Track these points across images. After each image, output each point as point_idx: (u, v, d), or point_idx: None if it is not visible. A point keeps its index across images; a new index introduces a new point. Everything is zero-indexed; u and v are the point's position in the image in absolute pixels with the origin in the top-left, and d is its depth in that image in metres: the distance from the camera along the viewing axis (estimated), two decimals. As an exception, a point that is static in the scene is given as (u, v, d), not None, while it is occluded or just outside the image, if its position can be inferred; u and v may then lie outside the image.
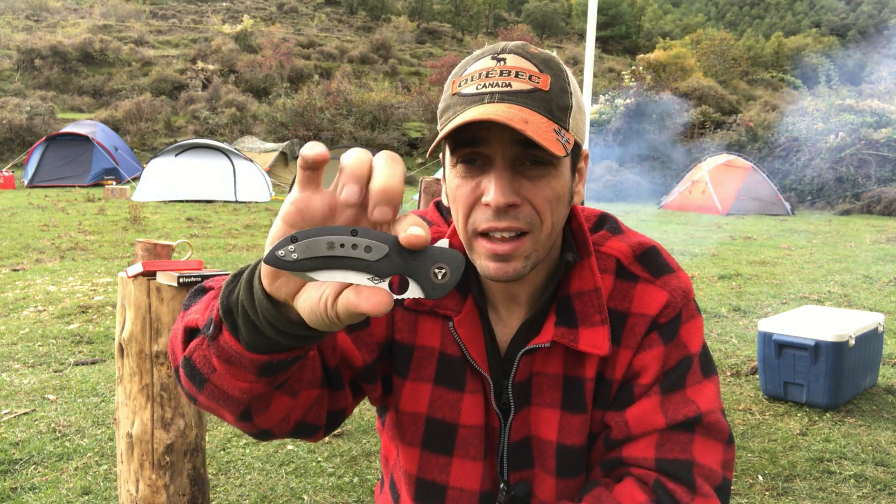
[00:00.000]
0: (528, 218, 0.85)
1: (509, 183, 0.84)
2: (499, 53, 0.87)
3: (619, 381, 0.96)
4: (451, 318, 0.95)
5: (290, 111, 21.81)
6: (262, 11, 41.47)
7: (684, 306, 0.97)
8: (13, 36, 29.36)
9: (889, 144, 15.86)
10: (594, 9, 5.05)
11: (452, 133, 0.82)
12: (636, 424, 0.92)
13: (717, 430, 0.93)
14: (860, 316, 3.76)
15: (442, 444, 1.00)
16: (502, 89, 0.83)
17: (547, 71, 0.86)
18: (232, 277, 0.70)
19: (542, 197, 0.85)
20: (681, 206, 14.86)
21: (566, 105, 0.86)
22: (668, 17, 59.94)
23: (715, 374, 0.98)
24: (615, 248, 0.98)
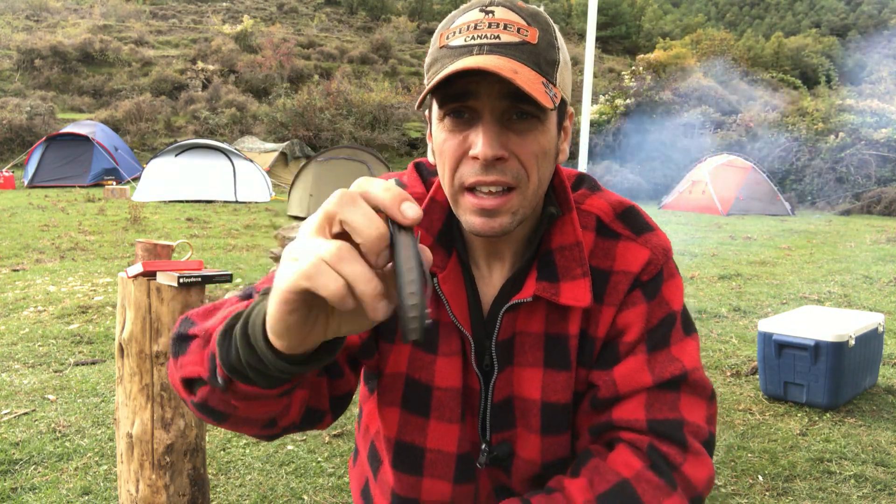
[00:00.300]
0: (515, 172, 0.85)
1: (497, 136, 0.83)
2: (487, 6, 0.86)
3: (603, 338, 0.96)
4: (435, 274, 0.95)
5: (290, 111, 21.80)
6: (262, 11, 41.46)
7: (665, 264, 0.97)
8: (13, 36, 29.35)
9: (889, 144, 15.86)
10: (594, 9, 5.05)
11: (441, 86, 0.82)
12: (624, 383, 0.92)
13: (702, 387, 0.94)
14: (860, 316, 3.76)
15: (418, 405, 0.99)
16: (491, 41, 0.83)
17: (535, 24, 0.85)
18: (222, 336, 0.70)
19: (529, 151, 0.85)
20: (681, 206, 14.86)
21: (554, 59, 0.86)
22: (668, 17, 59.93)
23: (695, 332, 0.99)
24: (595, 206, 0.99)
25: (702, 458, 0.91)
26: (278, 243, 6.17)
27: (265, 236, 9.14)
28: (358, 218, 0.55)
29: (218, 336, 0.71)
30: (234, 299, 0.88)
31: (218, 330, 0.73)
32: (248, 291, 0.92)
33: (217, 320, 0.80)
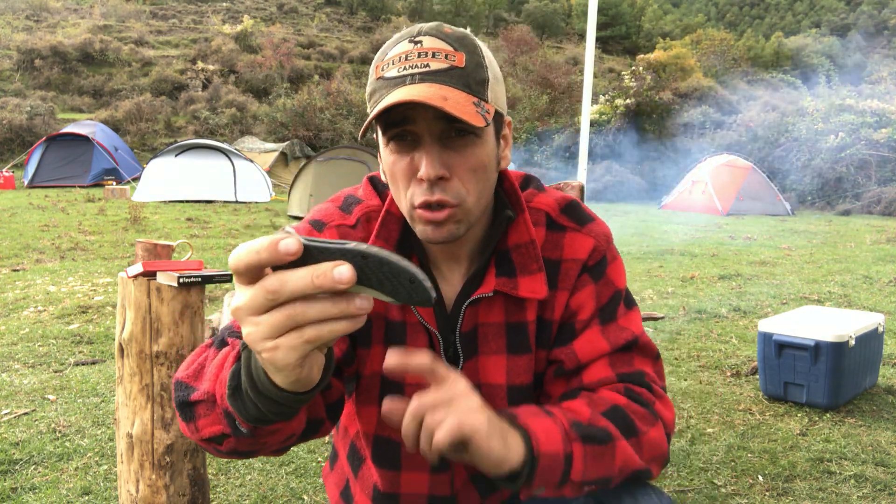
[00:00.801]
0: (455, 192, 0.93)
1: (438, 156, 0.92)
2: (415, 36, 0.93)
3: (559, 321, 1.06)
4: None
5: (290, 111, 21.81)
6: (262, 11, 41.47)
7: (607, 249, 1.09)
8: (13, 36, 29.36)
9: (889, 144, 15.85)
10: (594, 9, 5.05)
11: (382, 115, 0.90)
12: (583, 352, 1.03)
13: (649, 349, 1.07)
14: (860, 316, 3.76)
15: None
16: (421, 70, 0.90)
17: (461, 49, 0.92)
18: (233, 398, 0.76)
19: (468, 167, 0.93)
20: (681, 206, 14.86)
21: (483, 78, 0.93)
22: (668, 18, 59.93)
23: (636, 306, 1.11)
24: (543, 203, 1.09)
25: (666, 400, 1.03)
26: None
27: (265, 236, 9.13)
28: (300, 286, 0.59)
29: (229, 400, 0.77)
30: (213, 351, 0.92)
31: (221, 391, 0.80)
32: (221, 337, 0.95)
33: (210, 380, 0.85)
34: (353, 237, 1.04)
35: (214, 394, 0.83)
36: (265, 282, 0.59)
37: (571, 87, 22.84)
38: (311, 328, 0.60)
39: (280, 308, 0.60)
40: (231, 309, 0.62)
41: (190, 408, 0.88)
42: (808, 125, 17.29)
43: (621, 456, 0.94)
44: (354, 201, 1.10)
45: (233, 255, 0.60)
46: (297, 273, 0.58)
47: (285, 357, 0.62)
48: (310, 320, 0.60)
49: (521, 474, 0.84)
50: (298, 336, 0.60)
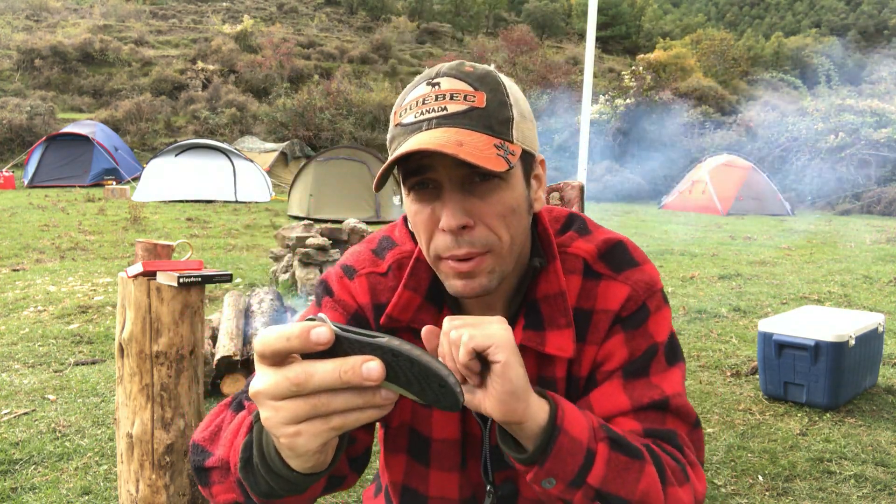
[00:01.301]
0: (483, 240, 0.87)
1: (460, 205, 0.85)
2: (433, 78, 0.88)
3: (586, 376, 0.98)
4: None
5: (290, 111, 21.80)
6: (262, 11, 41.46)
7: (649, 298, 0.97)
8: (13, 36, 29.35)
9: (889, 144, 15.85)
10: (594, 9, 5.06)
11: (400, 163, 0.85)
12: (600, 406, 0.93)
13: (685, 412, 0.95)
14: (860, 316, 3.76)
15: (420, 454, 1.03)
16: (438, 114, 0.85)
17: (482, 88, 0.87)
18: (244, 471, 0.74)
19: (495, 213, 0.87)
20: (681, 206, 14.86)
21: (507, 118, 0.87)
22: (668, 17, 59.93)
23: (681, 362, 0.99)
24: (582, 249, 1.00)
25: (699, 470, 0.92)
26: (278, 243, 6.17)
27: (265, 236, 9.14)
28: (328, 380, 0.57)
29: (241, 472, 0.75)
30: (230, 414, 0.90)
31: (234, 461, 0.78)
32: (238, 399, 0.93)
33: (225, 447, 0.84)
34: (383, 286, 0.99)
35: (228, 461, 0.81)
36: (290, 372, 0.57)
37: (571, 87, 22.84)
38: (336, 417, 0.58)
39: (304, 398, 0.58)
40: (251, 391, 0.60)
41: (205, 473, 0.86)
42: (808, 125, 17.28)
43: (647, 481, 0.84)
44: (388, 245, 1.04)
45: (260, 339, 0.57)
46: (325, 366, 0.57)
47: (306, 444, 0.60)
48: (334, 410, 0.58)
49: (538, 444, 0.78)
50: (323, 424, 0.59)
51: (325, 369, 0.57)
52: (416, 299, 0.97)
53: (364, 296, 1.00)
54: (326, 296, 1.02)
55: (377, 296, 1.00)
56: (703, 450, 0.97)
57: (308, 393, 0.57)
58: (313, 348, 0.56)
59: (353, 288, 1.01)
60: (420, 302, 0.97)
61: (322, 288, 1.04)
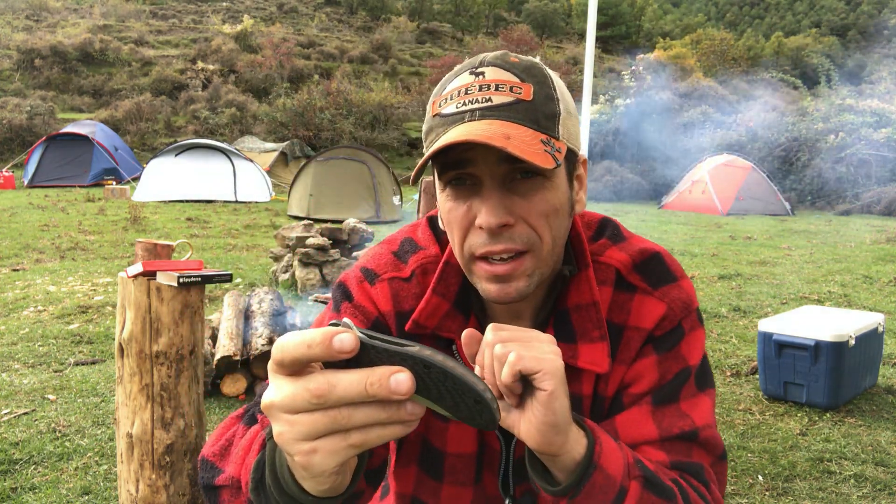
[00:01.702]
0: (524, 237, 0.82)
1: (500, 202, 0.81)
2: (477, 67, 0.83)
3: (612, 396, 0.92)
4: (453, 340, 0.94)
5: (290, 111, 21.80)
6: (262, 11, 41.47)
7: (684, 318, 0.93)
8: (13, 36, 29.37)
9: (889, 144, 15.84)
10: (594, 9, 5.05)
11: (437, 156, 0.80)
12: (626, 433, 0.88)
13: (713, 445, 0.91)
14: (860, 316, 3.76)
15: (433, 468, 0.99)
16: (482, 105, 0.80)
17: (529, 80, 0.82)
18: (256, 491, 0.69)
19: (537, 212, 0.82)
20: (681, 206, 14.86)
21: (553, 112, 0.82)
22: (668, 17, 59.93)
23: (711, 388, 0.94)
24: (615, 258, 0.94)
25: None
26: (278, 243, 6.17)
27: (265, 236, 9.14)
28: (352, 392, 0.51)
29: (252, 494, 0.70)
30: (242, 428, 0.85)
31: (245, 479, 0.73)
32: (251, 412, 0.88)
33: (236, 464, 0.79)
34: (407, 292, 0.94)
35: (239, 480, 0.77)
36: (310, 383, 0.51)
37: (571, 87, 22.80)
38: (357, 433, 0.52)
39: (322, 411, 0.52)
40: (264, 403, 0.54)
41: (215, 492, 0.81)
42: (808, 125, 17.28)
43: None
44: (411, 248, 0.98)
45: (279, 346, 0.52)
46: (349, 377, 0.51)
47: (322, 462, 0.53)
48: (355, 425, 0.52)
49: (572, 479, 0.74)
50: (342, 440, 0.53)
51: (350, 380, 0.51)
52: (444, 306, 0.93)
53: (386, 303, 0.95)
54: (345, 301, 0.97)
55: (400, 303, 0.95)
56: (726, 483, 0.93)
57: (328, 406, 0.52)
58: (336, 356, 0.50)
59: (375, 294, 0.96)
60: (448, 309, 0.93)
61: (340, 292, 0.98)
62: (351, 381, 0.51)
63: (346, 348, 0.50)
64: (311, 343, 0.50)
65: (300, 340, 0.51)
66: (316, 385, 0.51)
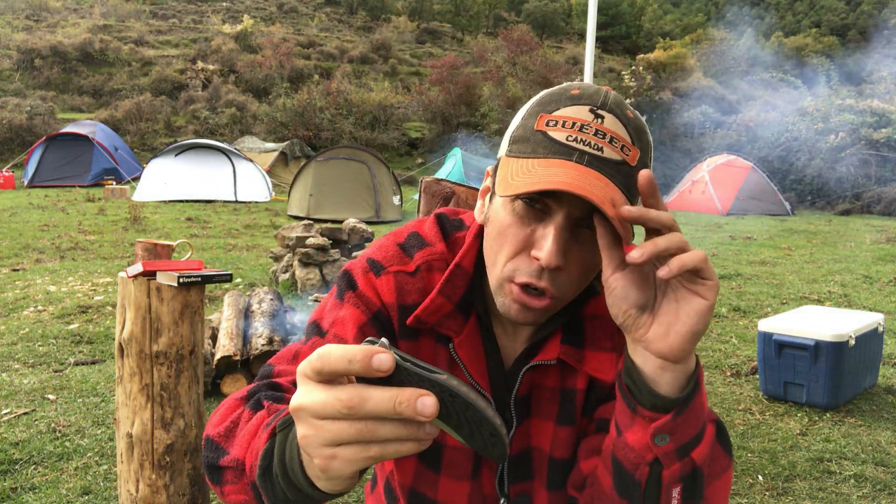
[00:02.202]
0: (562, 286, 0.85)
1: (565, 244, 0.82)
2: (598, 108, 0.83)
3: (610, 382, 0.94)
4: (451, 338, 0.96)
5: (290, 111, 21.79)
6: (262, 11, 41.47)
7: None
8: (13, 36, 29.36)
9: (889, 144, 15.85)
10: (594, 9, 5.05)
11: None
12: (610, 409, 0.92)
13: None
14: (860, 316, 3.76)
15: (431, 460, 1.01)
16: (594, 151, 0.80)
17: (638, 144, 0.83)
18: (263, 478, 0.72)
19: (584, 264, 0.85)
20: (681, 206, 14.86)
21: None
22: (668, 17, 59.91)
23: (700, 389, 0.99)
24: None
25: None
26: (278, 243, 6.17)
27: (265, 236, 9.14)
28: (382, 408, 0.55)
29: (258, 479, 0.72)
30: (247, 412, 0.86)
31: (252, 465, 0.76)
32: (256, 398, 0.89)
33: (241, 447, 0.81)
34: (411, 286, 0.97)
35: (244, 462, 0.79)
36: (343, 394, 0.55)
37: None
38: (376, 446, 0.56)
39: (350, 421, 0.55)
40: (292, 406, 0.58)
41: (218, 472, 0.84)
42: (808, 125, 17.28)
43: (724, 484, 0.85)
44: (417, 243, 1.00)
45: (320, 357, 0.55)
46: (381, 394, 0.54)
47: (341, 468, 0.57)
48: (378, 439, 0.56)
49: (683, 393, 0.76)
50: (363, 451, 0.56)
51: (382, 397, 0.54)
52: (448, 307, 0.95)
53: (390, 295, 0.97)
54: (349, 290, 0.98)
55: (403, 296, 0.96)
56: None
57: (356, 418, 0.55)
58: (373, 374, 0.54)
59: (379, 285, 0.97)
60: (451, 310, 0.95)
61: (345, 281, 1.00)
62: (382, 397, 0.54)
63: (383, 368, 0.54)
64: (353, 359, 0.54)
65: (342, 354, 0.54)
66: (349, 397, 0.54)
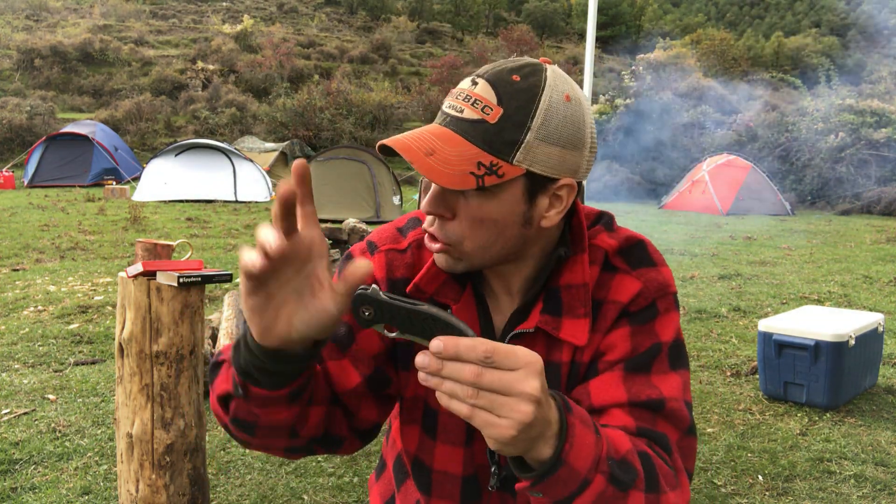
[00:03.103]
0: (449, 233, 0.94)
1: (441, 196, 0.92)
2: (477, 76, 0.92)
3: (587, 362, 1.00)
4: (449, 306, 1.02)
5: (290, 111, 21.80)
6: (262, 11, 41.47)
7: (659, 298, 1.00)
8: (13, 36, 29.37)
9: (889, 144, 15.84)
10: (594, 9, 5.05)
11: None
12: (598, 396, 0.95)
13: (679, 418, 0.95)
14: (860, 316, 3.76)
15: (430, 427, 1.06)
16: (455, 114, 0.90)
17: (508, 102, 0.89)
18: (234, 348, 0.82)
19: (470, 216, 0.92)
20: (681, 206, 14.86)
21: (513, 139, 0.88)
22: (668, 17, 59.91)
23: (685, 369, 1.00)
24: (605, 243, 1.03)
25: (684, 480, 0.92)
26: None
27: (265, 236, 9.13)
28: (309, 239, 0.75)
29: (232, 351, 0.83)
30: None
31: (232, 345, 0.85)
32: None
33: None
34: (400, 262, 1.05)
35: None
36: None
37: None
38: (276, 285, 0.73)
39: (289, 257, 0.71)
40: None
41: (216, 368, 0.93)
42: (808, 125, 17.28)
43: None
44: (413, 225, 1.09)
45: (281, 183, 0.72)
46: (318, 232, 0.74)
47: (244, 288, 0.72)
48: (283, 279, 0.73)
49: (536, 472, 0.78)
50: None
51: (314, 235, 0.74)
52: (443, 274, 1.01)
53: (380, 271, 1.05)
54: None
55: (392, 271, 1.04)
56: (693, 459, 0.97)
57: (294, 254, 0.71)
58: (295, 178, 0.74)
59: (373, 262, 1.05)
60: (446, 277, 1.02)
61: (345, 262, 1.07)
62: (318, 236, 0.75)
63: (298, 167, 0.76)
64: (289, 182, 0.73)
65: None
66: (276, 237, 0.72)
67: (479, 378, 0.69)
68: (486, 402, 0.70)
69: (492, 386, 0.69)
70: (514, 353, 0.71)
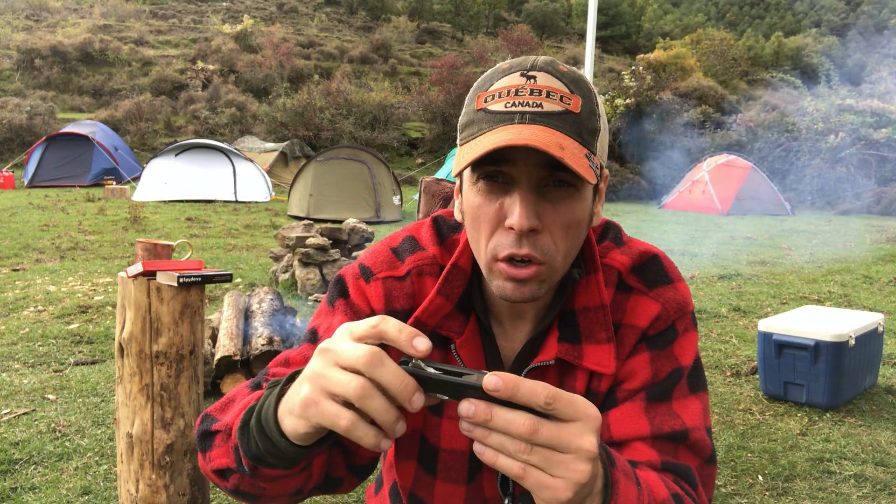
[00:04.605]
0: (544, 248, 0.84)
1: (533, 207, 0.82)
2: (528, 70, 0.84)
3: (605, 392, 0.94)
4: (452, 339, 0.96)
5: (290, 111, 21.78)
6: (262, 11, 41.45)
7: (678, 319, 0.95)
8: (13, 36, 29.36)
9: (889, 144, 15.85)
10: (594, 9, 5.06)
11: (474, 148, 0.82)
12: (619, 429, 0.90)
13: (701, 448, 0.92)
14: (860, 316, 3.76)
15: (428, 463, 1.01)
16: (533, 109, 0.81)
17: (577, 92, 0.83)
18: (241, 431, 0.77)
19: (562, 222, 0.84)
20: (681, 206, 14.86)
21: (595, 128, 0.84)
22: (668, 17, 59.90)
23: (704, 391, 0.96)
24: (617, 261, 0.97)
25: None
26: (278, 243, 6.17)
27: (265, 236, 9.14)
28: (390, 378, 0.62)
29: (237, 431, 0.78)
30: (246, 391, 0.91)
31: (236, 424, 0.79)
32: (258, 381, 0.93)
33: (234, 414, 0.85)
34: (399, 292, 0.97)
35: (231, 427, 0.82)
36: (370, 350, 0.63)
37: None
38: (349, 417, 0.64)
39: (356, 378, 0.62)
40: (321, 346, 0.66)
41: (208, 438, 0.87)
42: (808, 125, 17.27)
43: None
44: (410, 248, 1.01)
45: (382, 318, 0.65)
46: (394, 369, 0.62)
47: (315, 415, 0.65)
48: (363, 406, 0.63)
49: None
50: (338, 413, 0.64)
51: (393, 371, 0.62)
52: (447, 307, 0.95)
53: (378, 301, 0.97)
54: (340, 297, 1.00)
55: (391, 302, 0.97)
56: (713, 488, 0.94)
57: (367, 377, 0.62)
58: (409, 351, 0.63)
59: (369, 292, 0.98)
60: (450, 310, 0.95)
61: (338, 288, 1.01)
62: (394, 371, 0.62)
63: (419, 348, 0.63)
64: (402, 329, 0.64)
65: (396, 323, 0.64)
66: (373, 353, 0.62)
67: (535, 432, 0.60)
68: (539, 460, 0.61)
69: (549, 441, 0.61)
70: (573, 402, 0.63)
